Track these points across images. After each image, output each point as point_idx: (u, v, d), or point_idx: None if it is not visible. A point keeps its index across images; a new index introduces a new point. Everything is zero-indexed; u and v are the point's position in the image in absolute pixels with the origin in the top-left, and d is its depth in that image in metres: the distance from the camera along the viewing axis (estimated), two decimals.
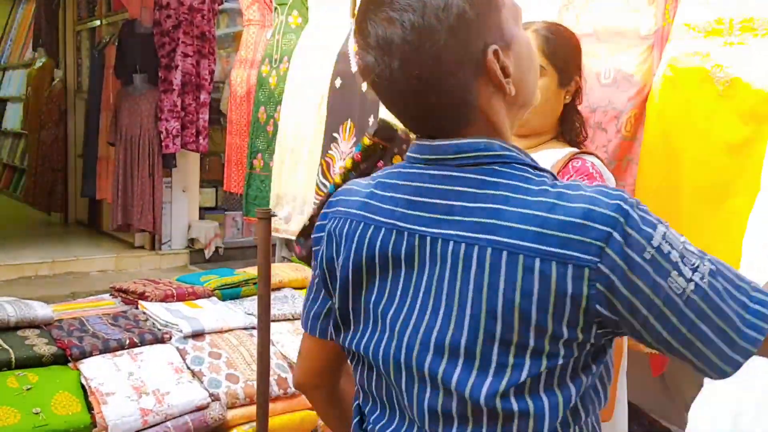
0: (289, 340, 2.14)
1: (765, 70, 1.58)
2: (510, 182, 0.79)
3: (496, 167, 0.81)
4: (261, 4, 3.68)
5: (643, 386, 2.22)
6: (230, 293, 2.43)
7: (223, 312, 2.22)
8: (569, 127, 1.63)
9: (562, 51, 1.55)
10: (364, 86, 2.80)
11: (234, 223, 6.84)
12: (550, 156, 1.51)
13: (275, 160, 3.29)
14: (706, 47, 1.67)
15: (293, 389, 1.93)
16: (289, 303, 2.41)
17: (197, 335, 2.04)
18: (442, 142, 0.83)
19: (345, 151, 2.88)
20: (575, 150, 1.58)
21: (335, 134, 2.91)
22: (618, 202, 0.75)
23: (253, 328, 2.14)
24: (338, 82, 2.90)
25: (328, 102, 2.95)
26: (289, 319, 2.29)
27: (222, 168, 6.71)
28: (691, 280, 0.76)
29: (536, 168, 0.82)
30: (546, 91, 1.52)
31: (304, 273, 2.71)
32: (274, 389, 1.89)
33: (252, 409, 1.81)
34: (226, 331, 2.11)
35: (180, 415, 1.72)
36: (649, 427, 2.36)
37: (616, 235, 0.74)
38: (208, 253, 6.38)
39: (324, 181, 2.95)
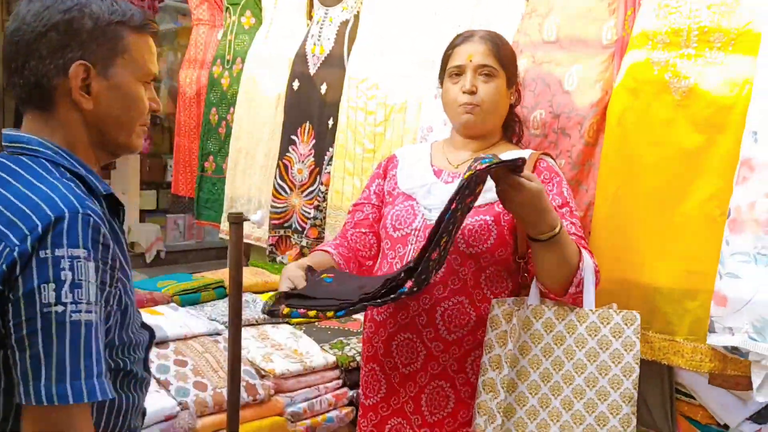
0: (254, 346, 2.12)
1: (720, 81, 1.66)
2: (19, 170, 0.99)
3: (23, 158, 1.01)
4: (211, 4, 3.62)
5: None
6: (189, 299, 2.39)
7: (186, 318, 2.17)
8: (512, 128, 1.76)
9: (508, 54, 1.68)
10: (323, 88, 2.79)
11: (176, 226, 6.69)
12: (513, 157, 1.56)
13: (229, 162, 3.24)
14: (664, 57, 1.75)
15: (262, 395, 1.92)
16: (251, 307, 2.38)
17: (160, 343, 1.99)
18: (8, 132, 1.06)
19: (304, 154, 2.86)
20: (535, 151, 1.69)
21: (293, 137, 2.89)
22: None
23: (218, 334, 2.11)
24: (296, 84, 2.89)
25: (285, 104, 2.93)
26: (252, 324, 2.27)
27: (163, 169, 6.59)
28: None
29: (69, 169, 1.02)
30: (498, 92, 1.65)
31: (264, 277, 2.69)
32: (243, 396, 1.86)
33: (222, 417, 1.79)
34: (191, 338, 2.07)
35: (149, 426, 1.67)
36: None
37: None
38: (149, 257, 6.22)
39: (282, 183, 2.92)
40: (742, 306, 1.57)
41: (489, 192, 1.49)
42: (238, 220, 1.67)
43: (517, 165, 1.38)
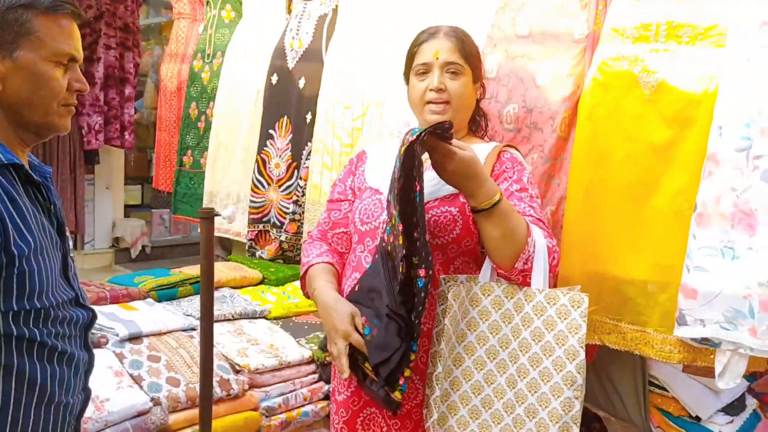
0: (230, 341, 2.11)
1: (688, 76, 1.67)
2: None
3: None
4: None
5: None
6: (166, 294, 2.38)
7: (161, 314, 2.17)
8: (477, 122, 1.77)
9: (472, 49, 1.67)
10: (301, 82, 2.79)
11: (161, 221, 6.66)
12: (479, 150, 1.58)
13: (208, 157, 3.23)
14: (634, 52, 1.76)
15: (236, 390, 1.92)
16: (228, 303, 2.38)
17: (134, 338, 1.99)
18: None
19: (281, 148, 2.86)
20: (499, 144, 1.69)
21: (271, 131, 2.89)
22: None
23: (193, 329, 2.11)
24: (274, 78, 2.88)
25: (263, 98, 2.92)
26: (229, 320, 2.27)
27: (148, 164, 6.55)
28: None
29: None
30: (466, 88, 1.65)
31: (242, 272, 2.69)
32: (217, 391, 1.86)
33: (194, 412, 1.78)
34: (165, 333, 2.06)
35: (120, 422, 1.67)
36: (583, 416, 2.46)
37: None
38: (134, 253, 6.19)
39: (260, 177, 2.92)
40: (713, 298, 1.58)
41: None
42: (208, 215, 1.67)
43: (444, 128, 1.40)
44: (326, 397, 2.09)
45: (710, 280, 1.58)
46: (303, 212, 2.72)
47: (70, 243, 1.22)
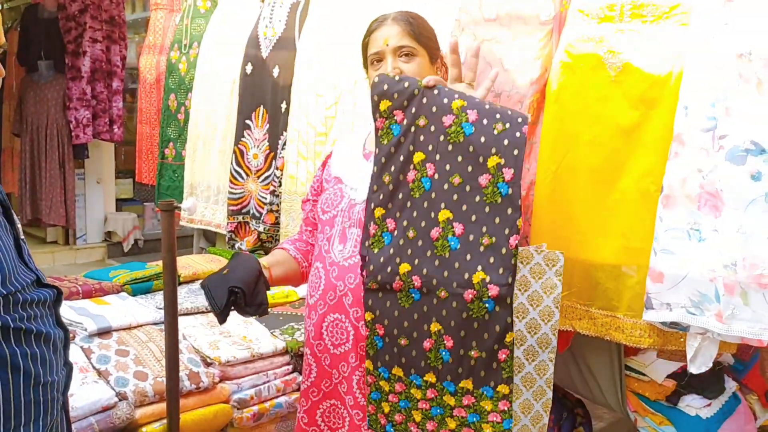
0: (201, 334, 2.10)
1: (653, 56, 1.65)
2: None
3: None
4: None
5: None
6: (141, 288, 2.37)
7: (133, 307, 2.16)
8: None
9: (425, 30, 1.66)
10: (276, 71, 2.76)
11: (154, 215, 6.65)
12: None
13: (187, 148, 3.21)
14: (599, 33, 1.73)
15: (206, 383, 1.91)
16: (202, 295, 2.36)
17: (103, 333, 1.97)
18: None
19: (259, 138, 2.84)
20: None
21: (248, 121, 2.86)
22: None
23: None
24: (249, 68, 2.85)
25: (239, 88, 2.90)
26: (202, 312, 2.26)
27: None
28: None
29: None
30: (422, 69, 1.63)
31: (219, 264, 2.67)
32: (186, 384, 1.85)
33: (163, 406, 1.77)
34: (135, 327, 2.05)
35: (84, 417, 1.66)
36: (563, 400, 2.45)
37: None
38: (126, 246, 6.19)
39: (238, 169, 2.90)
40: (679, 281, 1.57)
41: None
42: (168, 207, 1.65)
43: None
44: (300, 388, 2.08)
45: (677, 263, 1.56)
46: (280, 203, 2.70)
47: (19, 225, 1.20)
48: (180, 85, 3.32)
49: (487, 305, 1.34)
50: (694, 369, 1.63)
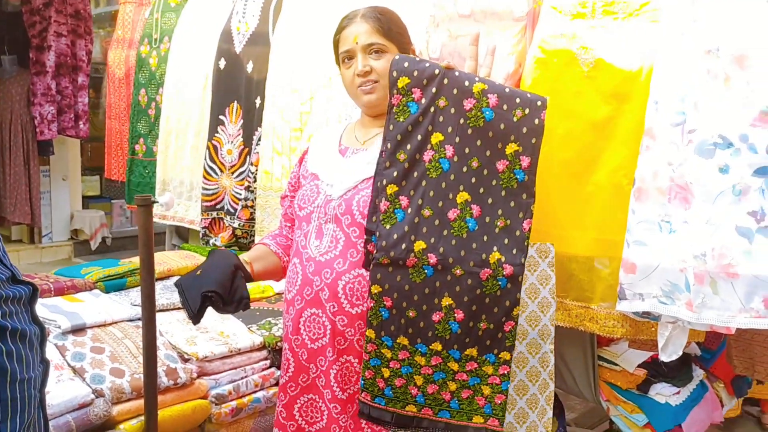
0: (178, 330, 2.09)
1: (624, 52, 1.69)
2: None
3: None
4: None
5: None
6: (114, 285, 2.34)
7: (107, 304, 2.13)
8: None
9: (395, 26, 1.65)
10: (249, 67, 2.75)
11: (122, 212, 6.56)
12: None
13: (159, 144, 3.17)
14: (572, 29, 1.76)
15: (184, 379, 1.90)
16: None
17: (78, 330, 1.95)
18: None
19: (233, 134, 2.82)
20: None
21: (221, 116, 2.84)
22: None
23: (140, 319, 2.07)
24: (222, 63, 2.83)
25: (212, 83, 2.88)
26: (178, 308, 2.24)
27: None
28: None
29: None
30: None
31: (194, 260, 2.65)
32: (164, 380, 1.84)
33: (140, 403, 1.76)
34: (110, 324, 2.03)
35: (60, 415, 1.64)
36: None
37: None
38: (94, 244, 6.09)
39: (212, 164, 2.88)
40: (651, 272, 1.60)
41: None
42: (145, 203, 1.63)
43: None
44: (278, 383, 2.08)
45: (649, 254, 1.60)
46: (255, 198, 2.69)
47: None
48: (151, 80, 3.28)
49: (500, 283, 1.39)
50: (665, 357, 1.67)
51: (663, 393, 2.15)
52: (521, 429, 1.56)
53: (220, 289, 1.48)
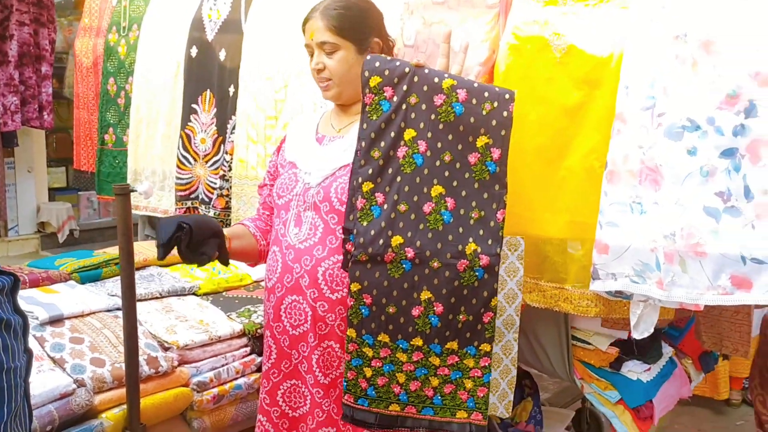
0: (157, 319, 2.09)
1: (596, 39, 1.72)
2: None
3: None
4: None
5: None
6: (90, 276, 2.32)
7: (84, 295, 2.12)
8: None
9: (351, 21, 1.65)
10: (222, 55, 2.73)
11: (89, 204, 6.47)
12: None
13: (130, 134, 3.14)
14: (545, 16, 1.80)
15: (165, 367, 1.90)
16: (156, 281, 2.34)
17: (55, 321, 1.94)
18: None
19: (206, 123, 2.80)
20: None
21: (194, 105, 2.83)
22: None
23: (118, 309, 2.06)
24: (193, 51, 2.81)
25: (184, 72, 2.85)
26: (156, 297, 2.24)
27: (72, 145, 6.32)
28: None
29: None
30: (346, 62, 1.64)
31: None
32: (145, 369, 1.84)
33: (122, 392, 1.76)
34: (88, 315, 2.02)
35: (43, 405, 1.64)
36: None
37: None
38: (61, 237, 6.00)
39: (185, 153, 2.86)
40: (623, 252, 1.65)
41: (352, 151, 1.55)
42: (123, 191, 1.63)
43: None
44: (259, 369, 2.10)
45: (621, 235, 1.65)
46: (230, 187, 2.69)
47: None
48: (120, 68, 3.24)
49: (477, 274, 1.43)
50: (637, 335, 1.72)
51: (634, 370, 2.22)
52: None
53: (194, 227, 1.49)
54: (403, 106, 1.45)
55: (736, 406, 3.61)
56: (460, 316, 1.43)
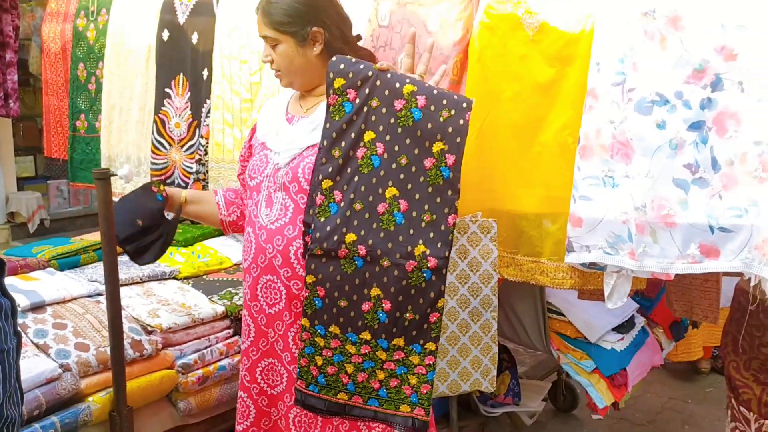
0: (139, 303, 2.10)
1: (567, 16, 1.76)
2: None
3: None
4: None
5: None
6: (68, 262, 2.32)
7: (64, 281, 2.12)
8: None
9: (286, 14, 1.68)
10: (194, 38, 2.72)
11: (59, 193, 6.38)
12: None
13: (102, 120, 3.11)
14: None
15: (149, 350, 1.92)
16: (135, 266, 2.34)
17: (37, 308, 1.94)
18: None
19: (180, 107, 2.79)
20: None
21: (167, 89, 2.81)
22: None
23: (99, 294, 2.07)
24: (165, 35, 2.79)
25: (155, 56, 2.83)
26: (137, 282, 2.24)
27: (39, 133, 6.22)
28: None
29: None
30: (287, 55, 1.69)
31: None
32: (129, 352, 1.86)
33: (107, 375, 1.78)
34: (69, 301, 2.02)
35: (29, 390, 1.65)
36: None
37: None
38: (32, 227, 5.91)
39: (160, 138, 2.85)
40: (596, 225, 1.70)
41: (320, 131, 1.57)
42: (103, 176, 1.64)
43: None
44: None
45: (594, 208, 1.69)
46: (207, 171, 2.69)
47: None
48: (89, 53, 3.19)
49: (425, 275, 1.46)
50: (611, 304, 1.78)
51: (608, 340, 2.29)
52: (465, 385, 1.66)
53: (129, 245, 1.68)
54: (365, 109, 1.49)
55: (705, 373, 3.73)
56: (407, 315, 1.47)
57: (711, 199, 1.53)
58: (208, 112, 2.66)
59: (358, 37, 1.82)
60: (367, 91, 1.49)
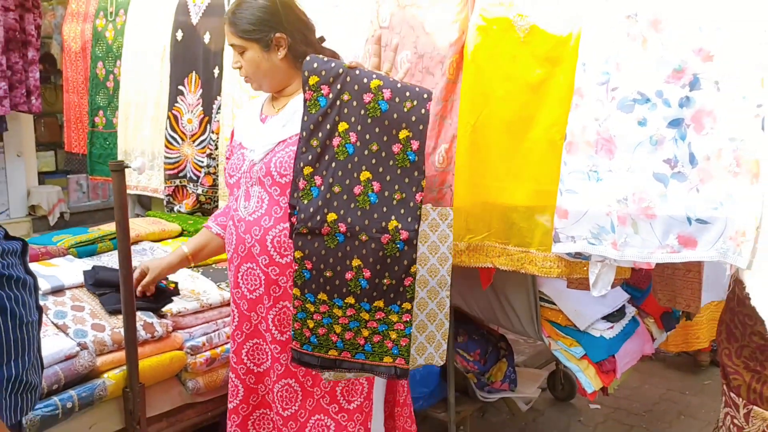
0: None
1: (556, 19, 1.84)
2: None
3: None
4: None
5: (476, 298, 2.54)
6: (86, 251, 2.44)
7: (82, 268, 2.24)
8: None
9: (250, 22, 1.79)
10: (207, 38, 2.84)
11: (78, 187, 6.53)
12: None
13: (119, 116, 3.24)
14: None
15: (161, 332, 2.04)
16: (148, 255, 2.47)
17: (57, 291, 2.06)
18: None
19: (192, 104, 2.91)
20: None
21: (180, 87, 2.93)
22: None
23: None
24: (179, 35, 2.91)
25: (170, 55, 2.95)
26: None
27: (60, 129, 6.38)
28: None
29: None
30: (254, 61, 1.82)
31: (161, 226, 2.77)
32: (142, 333, 1.98)
33: (121, 355, 1.90)
34: None
35: (49, 366, 1.77)
36: (487, 336, 2.70)
37: None
38: (52, 220, 6.08)
39: (173, 134, 2.97)
40: (581, 217, 1.78)
41: (294, 124, 1.72)
42: (118, 168, 1.76)
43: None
44: None
45: (579, 201, 1.77)
46: (217, 165, 2.81)
47: None
48: (108, 53, 3.33)
49: (398, 246, 1.63)
50: (595, 292, 1.86)
51: (598, 328, 2.37)
52: (420, 359, 1.81)
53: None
54: (338, 102, 1.65)
55: (704, 366, 3.79)
56: (385, 280, 1.64)
57: (689, 193, 1.60)
58: (219, 108, 2.78)
59: (322, 39, 1.93)
60: (339, 86, 1.64)
